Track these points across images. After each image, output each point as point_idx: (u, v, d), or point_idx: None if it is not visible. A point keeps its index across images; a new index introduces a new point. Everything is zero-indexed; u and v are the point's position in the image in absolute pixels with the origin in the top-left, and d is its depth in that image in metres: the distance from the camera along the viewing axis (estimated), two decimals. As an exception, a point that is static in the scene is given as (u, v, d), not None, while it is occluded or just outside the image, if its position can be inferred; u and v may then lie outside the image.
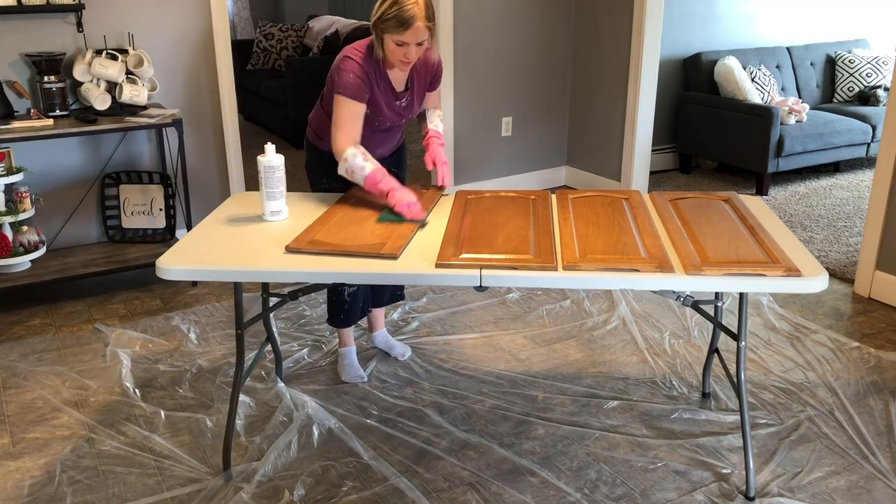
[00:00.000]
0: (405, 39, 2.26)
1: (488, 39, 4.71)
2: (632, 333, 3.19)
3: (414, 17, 2.22)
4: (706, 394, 2.73)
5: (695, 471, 2.33)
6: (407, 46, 2.28)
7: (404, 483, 2.27)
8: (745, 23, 5.71)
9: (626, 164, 4.84)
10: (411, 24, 2.23)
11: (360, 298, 2.77)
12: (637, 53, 4.60)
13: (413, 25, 2.23)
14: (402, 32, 2.25)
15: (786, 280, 1.91)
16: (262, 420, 2.59)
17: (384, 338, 3.03)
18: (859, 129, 5.29)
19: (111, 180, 3.74)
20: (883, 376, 2.85)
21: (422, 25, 2.24)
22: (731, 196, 2.50)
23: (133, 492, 2.25)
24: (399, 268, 2.00)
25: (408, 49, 2.29)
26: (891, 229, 3.42)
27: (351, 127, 2.38)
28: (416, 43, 2.28)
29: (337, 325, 2.81)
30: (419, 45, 2.30)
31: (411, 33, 2.25)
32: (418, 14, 2.23)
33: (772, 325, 3.25)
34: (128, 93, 3.44)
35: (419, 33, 2.26)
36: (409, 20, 2.22)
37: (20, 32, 3.41)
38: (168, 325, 3.27)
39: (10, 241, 3.33)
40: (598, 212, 2.35)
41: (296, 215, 2.36)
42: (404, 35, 2.25)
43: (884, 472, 2.32)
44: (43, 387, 2.80)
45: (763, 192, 5.05)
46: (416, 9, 2.23)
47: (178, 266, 2.03)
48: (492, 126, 4.91)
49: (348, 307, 2.74)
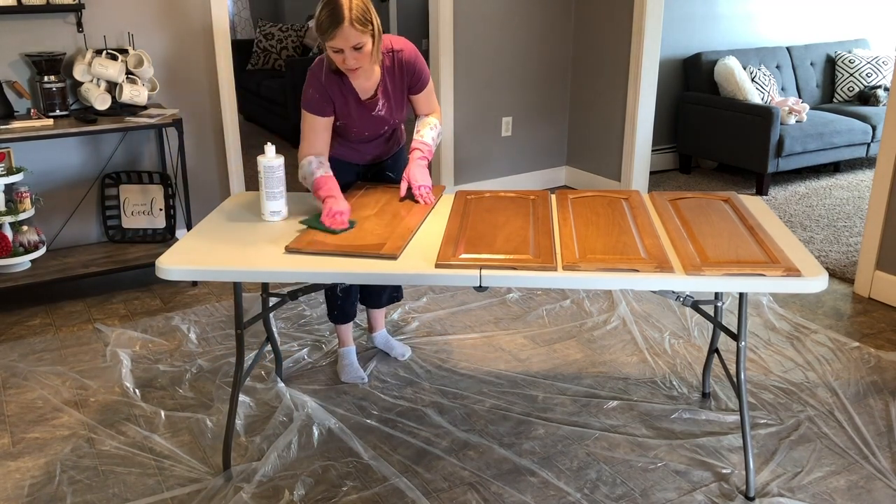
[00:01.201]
0: (336, 45, 2.21)
1: (488, 39, 4.71)
2: (632, 333, 3.19)
3: (340, 20, 2.16)
4: (706, 394, 2.73)
5: (695, 471, 2.33)
6: (342, 52, 2.23)
7: (404, 483, 2.27)
8: (745, 23, 5.71)
9: (626, 164, 4.85)
10: (337, 28, 2.17)
11: (354, 293, 2.79)
12: (637, 53, 4.60)
13: (339, 28, 2.17)
14: (333, 37, 2.19)
15: (786, 280, 1.91)
16: (262, 420, 2.59)
17: (384, 338, 3.03)
18: (859, 129, 5.29)
19: (111, 180, 3.74)
20: (883, 376, 2.85)
21: (349, 28, 2.17)
22: (731, 196, 2.49)
23: (133, 492, 2.25)
24: (399, 268, 2.00)
25: (344, 55, 2.23)
26: (891, 229, 3.42)
27: (312, 139, 2.43)
28: (351, 47, 2.21)
29: (333, 321, 2.83)
30: (356, 50, 2.22)
31: (341, 38, 2.19)
32: (345, 17, 2.16)
33: (772, 325, 3.25)
34: (128, 93, 3.44)
35: (350, 37, 2.18)
36: (335, 24, 2.16)
37: (20, 32, 3.41)
38: (168, 325, 3.27)
39: (10, 241, 3.33)
40: (597, 212, 2.35)
41: (296, 215, 2.36)
42: (335, 40, 2.19)
43: (884, 472, 2.32)
44: (43, 387, 2.80)
45: (763, 192, 5.05)
46: (342, 12, 2.16)
47: (178, 266, 2.03)
48: (492, 126, 4.91)
49: (341, 303, 2.77)
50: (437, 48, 4.57)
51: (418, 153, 2.50)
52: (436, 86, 4.65)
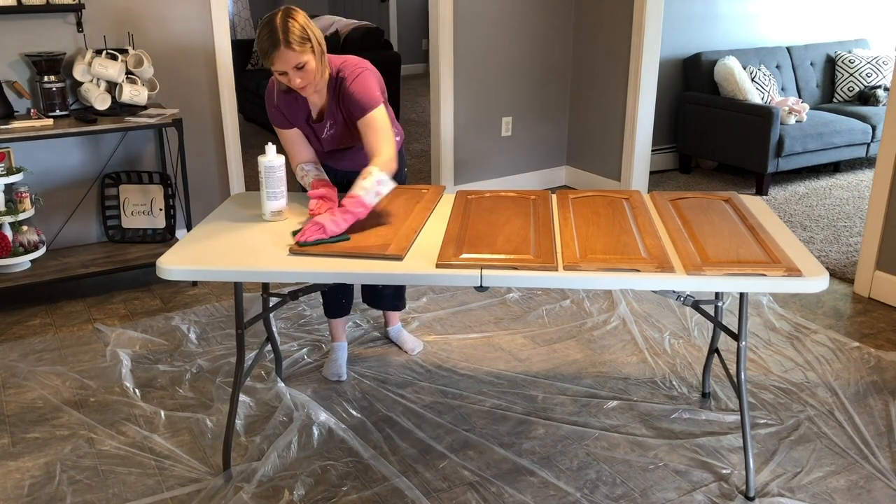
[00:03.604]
0: (278, 68, 2.20)
1: (488, 39, 4.71)
2: (632, 333, 3.19)
3: (277, 44, 2.14)
4: (706, 394, 2.73)
5: (695, 471, 2.33)
6: (287, 74, 2.21)
7: (404, 483, 2.27)
8: (745, 23, 5.71)
9: (626, 164, 4.85)
10: (276, 51, 2.15)
11: (342, 289, 2.83)
12: (637, 53, 4.60)
13: (277, 52, 2.15)
14: (273, 61, 2.18)
15: (786, 280, 1.91)
16: (262, 420, 2.59)
17: (396, 332, 3.09)
18: (859, 129, 5.29)
19: (111, 180, 3.74)
20: (883, 376, 2.85)
21: (286, 51, 2.15)
22: (732, 196, 2.50)
23: (133, 492, 2.25)
24: (400, 268, 2.00)
25: (289, 76, 2.21)
26: (891, 229, 3.42)
27: (293, 150, 2.49)
28: (293, 68, 2.19)
29: (325, 315, 2.91)
30: (299, 70, 2.20)
31: (281, 61, 2.17)
32: (281, 40, 2.14)
33: (772, 325, 3.25)
34: (128, 93, 3.44)
35: (289, 59, 2.17)
36: (273, 48, 2.15)
37: (20, 32, 3.41)
38: (168, 325, 3.27)
39: (9, 241, 3.33)
40: (598, 212, 2.35)
41: (296, 215, 2.36)
42: (277, 64, 2.18)
43: (884, 472, 2.32)
44: (43, 387, 2.80)
45: (763, 192, 5.05)
46: (278, 35, 2.14)
47: (178, 266, 2.03)
48: (492, 126, 4.91)
49: (328, 296, 2.85)
50: (437, 48, 4.57)
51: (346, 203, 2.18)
52: (436, 86, 4.66)
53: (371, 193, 2.18)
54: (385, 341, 3.12)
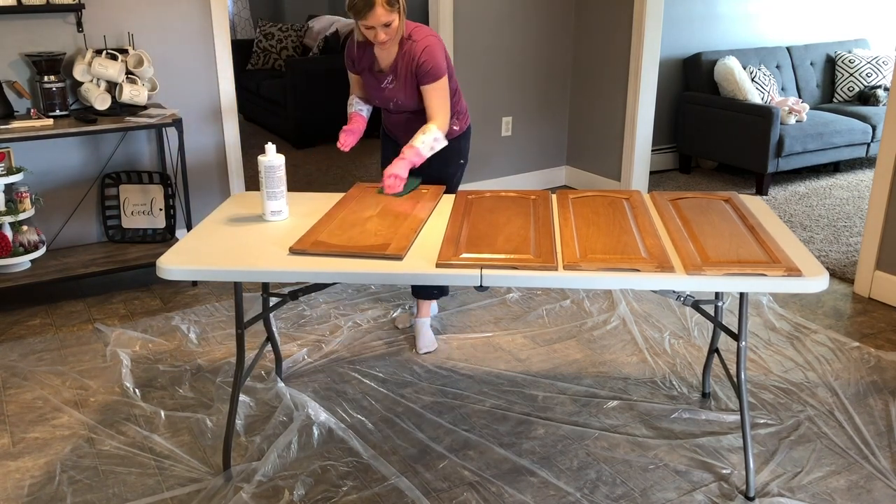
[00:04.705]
0: (369, 23, 2.48)
1: (488, 39, 4.71)
2: (632, 333, 3.19)
3: (372, 3, 2.43)
4: (706, 394, 2.73)
5: (695, 471, 2.33)
6: (374, 29, 2.50)
7: (404, 483, 2.27)
8: (745, 23, 5.71)
9: (626, 164, 4.85)
10: (371, 10, 2.44)
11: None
12: (637, 53, 4.60)
13: (372, 10, 2.44)
14: (366, 17, 2.46)
15: (786, 280, 1.91)
16: (262, 420, 2.59)
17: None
18: (859, 129, 5.29)
19: (111, 180, 3.74)
20: (883, 376, 2.85)
21: (380, 9, 2.44)
22: (732, 196, 2.50)
23: (133, 492, 2.25)
24: (400, 268, 2.00)
25: (376, 31, 2.50)
26: (891, 229, 3.42)
27: (353, 85, 2.89)
28: (381, 25, 2.48)
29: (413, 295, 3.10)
30: (386, 27, 2.50)
31: (373, 18, 2.46)
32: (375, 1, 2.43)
33: (772, 325, 3.25)
34: (128, 93, 3.44)
35: (381, 16, 2.46)
36: (368, 7, 2.44)
37: (20, 32, 3.41)
38: (168, 325, 3.27)
39: (9, 241, 3.33)
40: (598, 212, 2.35)
41: (296, 215, 2.36)
42: (368, 20, 2.47)
43: (884, 472, 2.32)
44: (43, 387, 2.80)
45: (763, 192, 5.05)
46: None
47: (178, 266, 2.03)
48: (492, 126, 4.91)
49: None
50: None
51: (404, 152, 2.60)
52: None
53: (427, 147, 2.59)
54: (385, 341, 3.12)
